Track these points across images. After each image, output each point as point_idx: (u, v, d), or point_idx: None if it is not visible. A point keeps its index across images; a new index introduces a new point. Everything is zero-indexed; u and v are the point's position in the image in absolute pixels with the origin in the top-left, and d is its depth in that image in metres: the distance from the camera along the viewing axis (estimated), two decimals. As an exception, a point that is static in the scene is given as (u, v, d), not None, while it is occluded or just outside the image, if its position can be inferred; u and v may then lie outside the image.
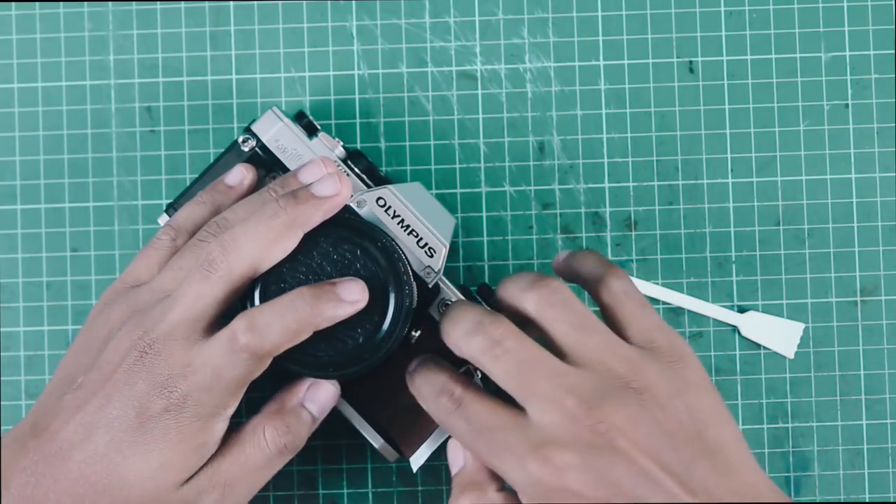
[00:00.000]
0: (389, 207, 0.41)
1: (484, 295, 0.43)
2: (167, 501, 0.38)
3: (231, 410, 0.38)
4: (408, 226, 0.41)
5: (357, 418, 0.42)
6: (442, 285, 0.42)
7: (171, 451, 0.37)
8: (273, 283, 0.39)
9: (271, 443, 0.39)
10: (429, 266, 0.41)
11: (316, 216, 0.39)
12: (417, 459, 0.42)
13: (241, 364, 0.37)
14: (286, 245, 0.38)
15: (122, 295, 0.40)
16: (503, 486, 0.38)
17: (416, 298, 0.40)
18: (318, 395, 0.41)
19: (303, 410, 0.40)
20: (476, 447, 0.37)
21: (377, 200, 0.41)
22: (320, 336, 0.39)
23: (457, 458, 0.39)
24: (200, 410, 0.37)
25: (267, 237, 0.38)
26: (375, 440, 0.42)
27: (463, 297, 0.42)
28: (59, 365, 0.40)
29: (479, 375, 0.41)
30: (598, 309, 0.39)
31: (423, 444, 0.42)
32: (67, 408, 0.38)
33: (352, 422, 0.42)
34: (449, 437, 0.40)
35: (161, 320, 0.38)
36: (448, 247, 0.41)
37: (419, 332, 0.42)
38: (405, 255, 0.40)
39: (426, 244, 0.41)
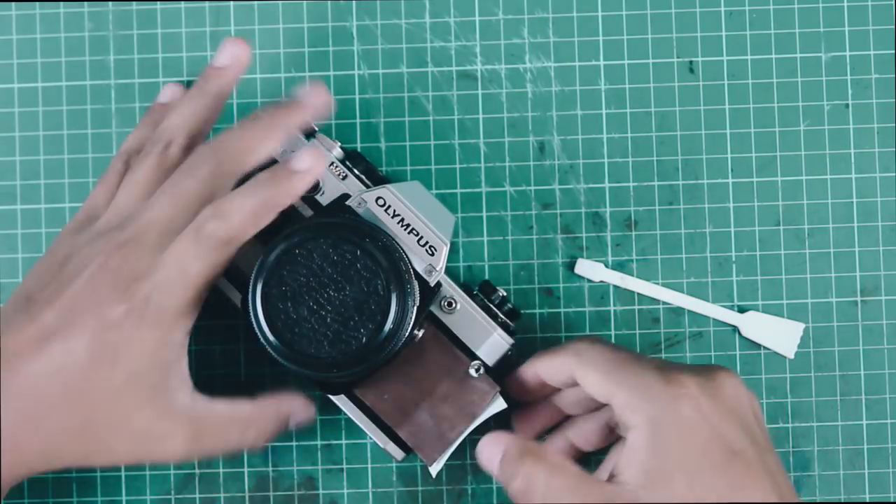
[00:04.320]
0: (389, 207, 0.41)
1: (486, 292, 0.43)
2: (130, 425, 0.37)
3: (191, 322, 0.38)
4: (408, 224, 0.41)
5: (363, 419, 0.42)
6: (444, 283, 0.42)
7: (133, 365, 0.36)
8: (275, 285, 0.39)
9: (255, 429, 0.40)
10: (430, 264, 0.41)
11: (296, 188, 0.39)
12: (437, 466, 0.42)
13: (207, 253, 0.37)
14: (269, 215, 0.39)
15: (85, 227, 0.40)
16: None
17: (418, 297, 0.40)
18: (296, 407, 0.41)
19: (284, 418, 0.41)
20: None
21: (376, 200, 0.41)
22: (323, 336, 0.39)
23: (493, 453, 0.39)
24: (162, 315, 0.37)
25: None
26: (382, 441, 0.42)
27: (465, 296, 0.43)
28: (15, 290, 0.39)
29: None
30: None
31: (444, 452, 0.42)
32: (20, 323, 0.37)
33: (357, 422, 0.42)
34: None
35: (133, 230, 0.38)
36: (449, 245, 0.41)
37: (422, 331, 0.42)
38: (406, 255, 0.40)
39: (427, 242, 0.41)
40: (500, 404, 0.42)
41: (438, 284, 0.42)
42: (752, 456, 0.37)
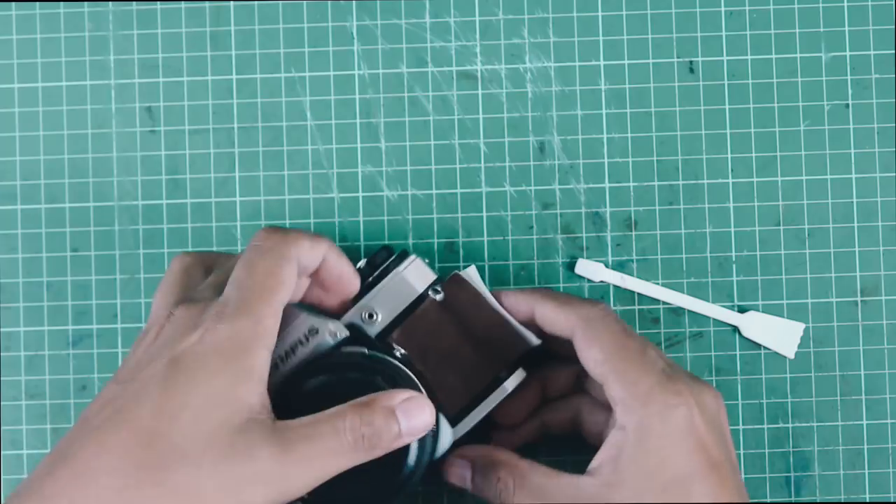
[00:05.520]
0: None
1: (373, 265, 0.42)
2: (219, 443, 0.34)
3: (268, 351, 0.36)
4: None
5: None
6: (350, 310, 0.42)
7: (213, 383, 0.34)
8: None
9: (350, 429, 0.35)
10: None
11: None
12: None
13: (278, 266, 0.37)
14: None
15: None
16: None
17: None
18: (412, 412, 0.37)
19: (392, 417, 0.36)
20: None
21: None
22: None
23: (463, 472, 0.41)
24: (238, 327, 0.35)
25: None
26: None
27: (370, 294, 0.42)
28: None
29: None
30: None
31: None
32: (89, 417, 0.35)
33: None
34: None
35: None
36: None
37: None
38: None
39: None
40: (473, 270, 0.42)
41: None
42: (727, 470, 0.38)
